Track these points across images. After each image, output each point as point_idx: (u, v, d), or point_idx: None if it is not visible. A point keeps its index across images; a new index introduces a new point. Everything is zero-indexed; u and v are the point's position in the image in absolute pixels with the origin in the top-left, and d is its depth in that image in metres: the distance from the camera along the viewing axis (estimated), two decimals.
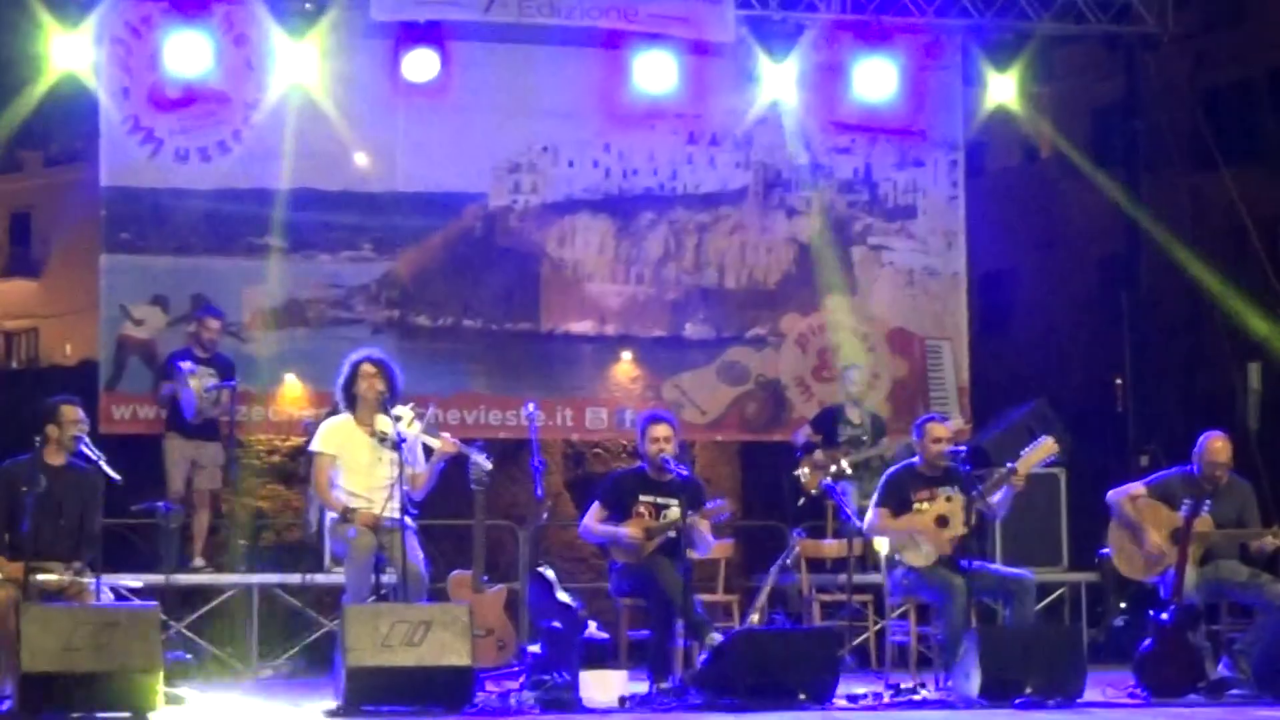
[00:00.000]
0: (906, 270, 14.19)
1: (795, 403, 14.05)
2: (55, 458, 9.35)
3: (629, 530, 9.79)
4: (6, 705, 8.48)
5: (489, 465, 10.02)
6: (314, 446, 9.76)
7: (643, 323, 13.86)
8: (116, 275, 13.07)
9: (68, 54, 12.54)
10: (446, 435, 9.79)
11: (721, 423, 14.09)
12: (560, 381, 13.72)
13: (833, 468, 12.08)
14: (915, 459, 10.17)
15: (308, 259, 13.29)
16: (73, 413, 9.37)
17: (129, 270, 13.03)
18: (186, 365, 11.89)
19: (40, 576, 8.97)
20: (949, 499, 9.83)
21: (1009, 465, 9.84)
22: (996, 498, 9.85)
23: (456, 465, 9.94)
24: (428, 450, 9.68)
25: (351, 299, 13.35)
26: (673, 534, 9.69)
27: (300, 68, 12.88)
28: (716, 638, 9.42)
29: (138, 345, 12.99)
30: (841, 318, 14.09)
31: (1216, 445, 10.09)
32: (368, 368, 9.65)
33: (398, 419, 9.42)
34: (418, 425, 9.61)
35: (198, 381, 11.80)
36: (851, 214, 14.06)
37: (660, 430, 9.90)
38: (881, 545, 10.12)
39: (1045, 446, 9.90)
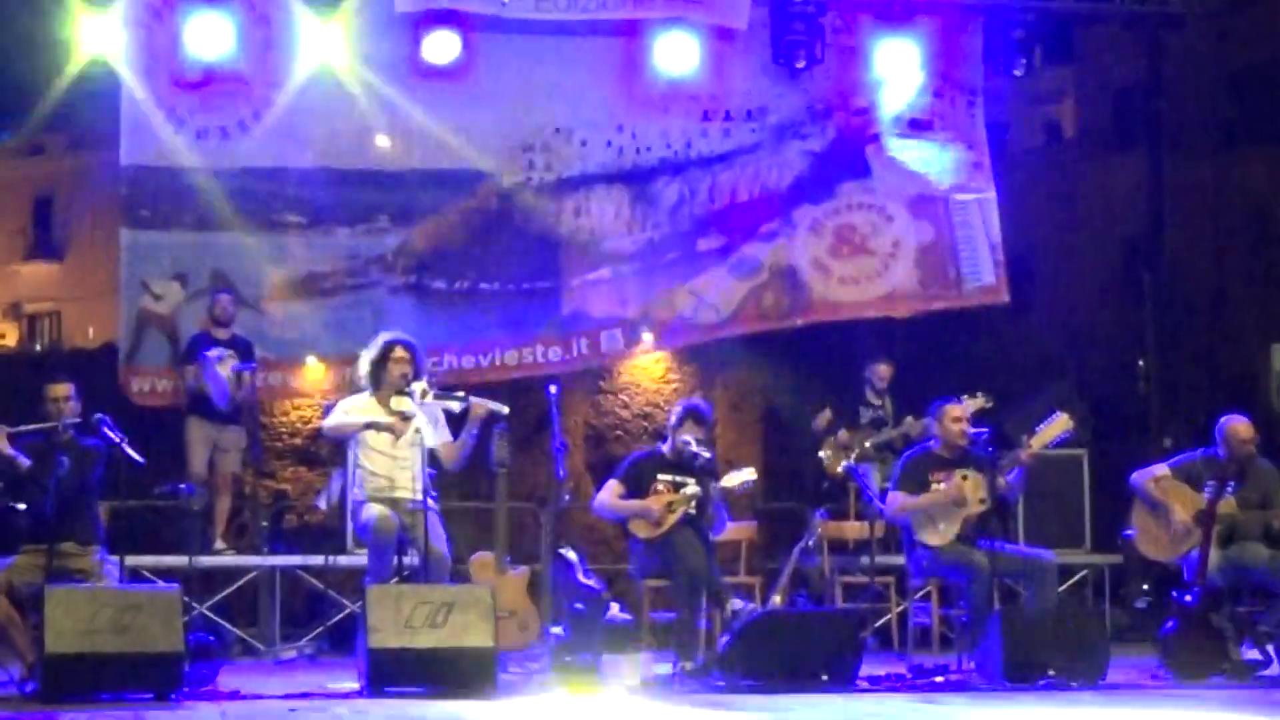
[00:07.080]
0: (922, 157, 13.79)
1: (814, 285, 13.72)
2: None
3: (651, 500, 9.84)
4: (31, 687, 8.50)
5: (505, 409, 9.84)
6: (333, 411, 9.79)
7: (657, 254, 13.68)
8: (137, 251, 13.05)
9: (95, 37, 12.53)
10: (461, 394, 9.76)
11: (739, 317, 13.72)
12: (572, 327, 13.63)
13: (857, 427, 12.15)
14: (932, 441, 10.16)
15: (326, 234, 13.31)
16: (55, 390, 9.26)
17: (149, 246, 13.02)
18: (214, 353, 11.92)
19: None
20: (965, 478, 9.83)
21: (1024, 439, 9.84)
22: (1011, 477, 9.83)
23: (478, 448, 9.92)
24: (458, 421, 9.65)
25: (368, 268, 13.37)
26: (692, 509, 9.75)
27: (323, 49, 12.87)
28: (737, 604, 9.43)
29: (157, 319, 13.02)
30: (856, 198, 13.79)
31: (1240, 427, 10.08)
32: (400, 352, 9.60)
33: (411, 394, 9.41)
34: (431, 394, 9.57)
35: (226, 368, 11.84)
36: (865, 122, 13.78)
37: (695, 431, 9.97)
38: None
39: (1059, 422, 9.88)
